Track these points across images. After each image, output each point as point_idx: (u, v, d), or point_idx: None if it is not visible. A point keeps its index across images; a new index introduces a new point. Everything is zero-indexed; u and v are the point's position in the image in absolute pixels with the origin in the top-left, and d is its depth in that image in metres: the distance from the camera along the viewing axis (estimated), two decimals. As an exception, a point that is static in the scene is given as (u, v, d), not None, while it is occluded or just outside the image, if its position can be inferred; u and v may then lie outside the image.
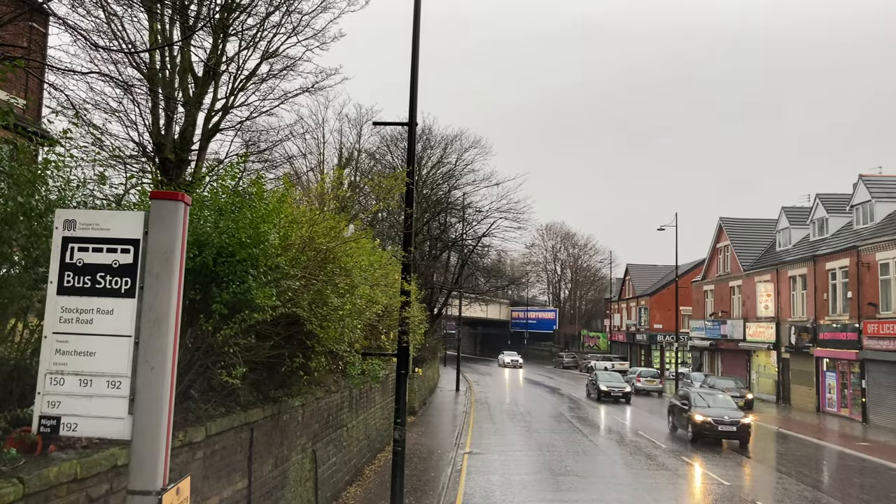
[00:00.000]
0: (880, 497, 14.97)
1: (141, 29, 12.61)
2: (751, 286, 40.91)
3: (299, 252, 7.83)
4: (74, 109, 11.10)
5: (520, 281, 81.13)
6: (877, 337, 28.27)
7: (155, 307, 3.40)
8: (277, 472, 8.45)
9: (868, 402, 29.16)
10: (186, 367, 6.27)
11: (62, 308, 3.48)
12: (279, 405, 8.31)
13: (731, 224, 45.58)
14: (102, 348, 3.44)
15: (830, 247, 33.33)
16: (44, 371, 3.46)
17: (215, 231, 6.36)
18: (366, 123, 31.72)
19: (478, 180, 39.03)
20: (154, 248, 3.43)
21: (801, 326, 34.70)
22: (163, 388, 3.37)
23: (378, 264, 11.64)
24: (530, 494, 14.32)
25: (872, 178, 33.01)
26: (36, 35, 12.64)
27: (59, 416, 3.43)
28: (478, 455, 18.60)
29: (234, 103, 13.77)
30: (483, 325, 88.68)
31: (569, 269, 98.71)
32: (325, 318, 7.71)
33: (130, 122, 12.45)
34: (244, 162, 9.64)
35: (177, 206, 3.46)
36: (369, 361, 11.56)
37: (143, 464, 3.33)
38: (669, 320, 53.49)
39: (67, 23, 9.64)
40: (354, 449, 13.82)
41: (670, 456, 19.50)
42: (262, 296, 6.32)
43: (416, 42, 11.36)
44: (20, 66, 6.34)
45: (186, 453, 5.90)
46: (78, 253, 3.50)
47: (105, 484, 4.67)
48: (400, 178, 12.14)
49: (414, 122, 11.58)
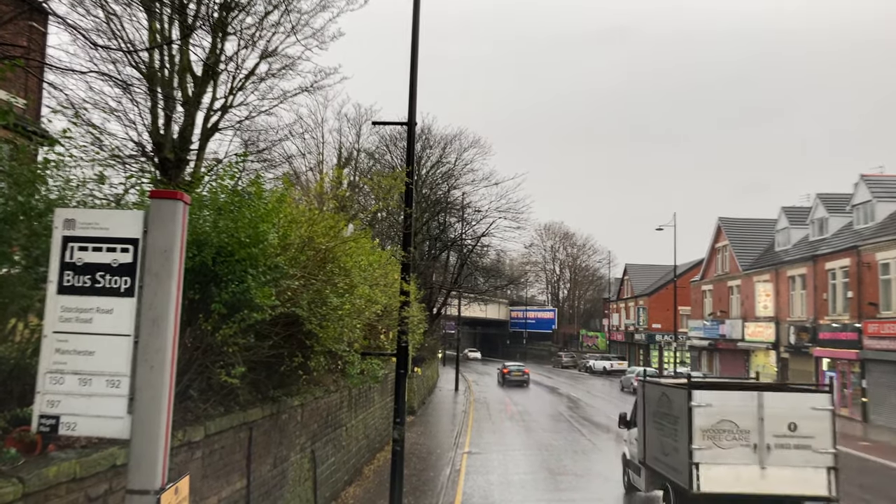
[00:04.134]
0: (881, 497, 14.97)
1: (140, 28, 12.59)
2: (750, 286, 40.93)
3: (298, 252, 7.84)
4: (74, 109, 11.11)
5: (519, 281, 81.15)
6: (877, 337, 28.29)
7: (154, 306, 3.40)
8: (276, 471, 8.45)
9: (868, 402, 29.18)
10: (185, 367, 6.26)
11: (62, 307, 3.48)
12: (278, 405, 8.31)
13: (730, 224, 45.60)
14: (102, 347, 3.45)
15: (830, 247, 33.34)
16: (43, 370, 3.46)
17: (214, 230, 6.35)
18: (365, 123, 31.70)
19: (477, 180, 39.07)
20: (153, 247, 3.44)
21: (800, 326, 34.72)
22: (162, 387, 3.37)
23: (377, 264, 11.65)
24: (529, 494, 14.33)
25: (873, 177, 33.04)
26: (35, 34, 12.64)
27: (58, 416, 3.43)
28: (477, 455, 18.61)
29: (233, 103, 13.76)
30: (482, 324, 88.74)
31: (567, 269, 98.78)
32: (325, 318, 7.71)
33: (129, 121, 12.44)
34: (243, 161, 9.64)
35: (176, 206, 3.47)
36: (368, 361, 11.56)
37: (142, 463, 3.33)
38: (668, 320, 53.55)
39: (67, 22, 9.64)
40: (353, 449, 13.82)
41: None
42: (262, 295, 6.32)
43: (415, 41, 11.35)
44: (20, 65, 6.34)
45: (185, 453, 5.90)
46: (78, 252, 3.51)
47: (104, 483, 4.68)
48: (399, 177, 12.15)
49: (413, 121, 11.58)
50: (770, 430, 10.53)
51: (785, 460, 10.48)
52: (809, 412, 10.60)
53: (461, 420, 26.01)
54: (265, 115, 15.09)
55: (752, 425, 10.56)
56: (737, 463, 10.45)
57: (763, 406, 10.59)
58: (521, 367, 48.97)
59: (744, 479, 10.38)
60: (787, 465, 10.46)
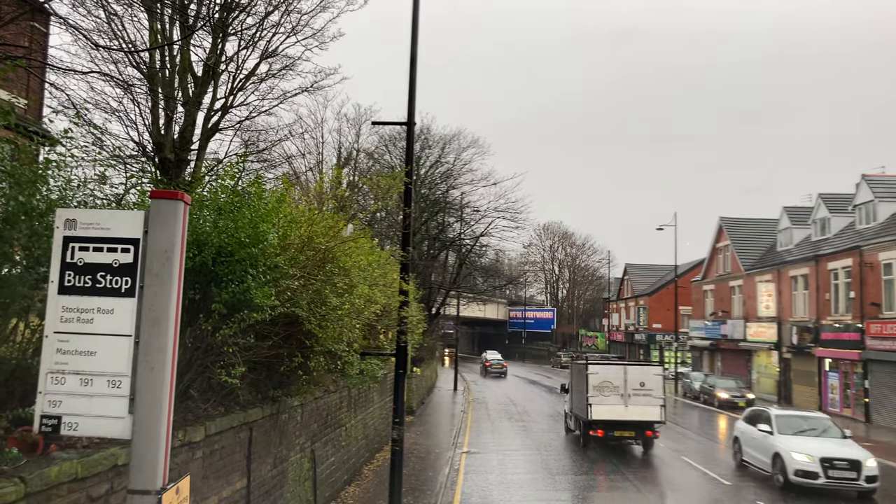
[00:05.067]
0: (884, 498, 14.96)
1: (141, 29, 12.63)
2: (751, 286, 40.92)
3: (298, 252, 7.85)
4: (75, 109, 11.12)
5: (517, 280, 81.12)
6: (880, 337, 28.28)
7: (155, 306, 3.41)
8: (276, 471, 8.46)
9: (871, 403, 29.16)
10: (186, 367, 6.27)
11: (63, 307, 3.49)
12: (278, 405, 8.32)
13: (732, 224, 45.56)
14: (103, 348, 3.46)
15: (833, 247, 33.33)
16: (45, 370, 3.47)
17: (214, 230, 6.36)
18: (364, 123, 31.69)
19: (476, 180, 39.07)
20: (154, 247, 3.45)
21: (802, 326, 34.71)
22: (162, 387, 3.38)
23: (376, 264, 11.65)
24: (528, 494, 14.34)
25: (875, 177, 33.03)
26: (37, 35, 12.66)
27: (59, 416, 3.44)
28: (475, 454, 18.62)
29: (234, 103, 13.78)
30: (481, 324, 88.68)
31: (567, 269, 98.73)
32: (324, 318, 7.72)
33: (130, 121, 12.46)
34: (243, 162, 9.64)
35: (176, 206, 3.47)
36: (368, 361, 11.57)
37: (143, 463, 3.34)
38: (668, 320, 53.50)
39: (69, 22, 9.66)
40: (353, 448, 13.83)
41: (670, 456, 19.50)
42: (261, 295, 6.32)
43: (414, 40, 11.36)
44: (22, 65, 6.36)
45: (186, 453, 5.91)
46: (79, 252, 3.52)
47: (105, 483, 4.69)
48: (398, 177, 12.17)
49: (412, 121, 11.59)
50: (630, 386, 19.09)
51: (637, 402, 18.91)
52: (651, 376, 19.33)
53: (460, 420, 26.02)
54: (265, 115, 15.12)
55: (620, 383, 19.09)
56: (612, 404, 18.89)
57: (626, 373, 19.30)
58: (501, 361, 58.29)
59: (615, 412, 18.85)
60: (638, 405, 18.87)
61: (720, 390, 34.81)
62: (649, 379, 19.16)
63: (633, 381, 19.05)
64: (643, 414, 18.79)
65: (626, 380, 19.05)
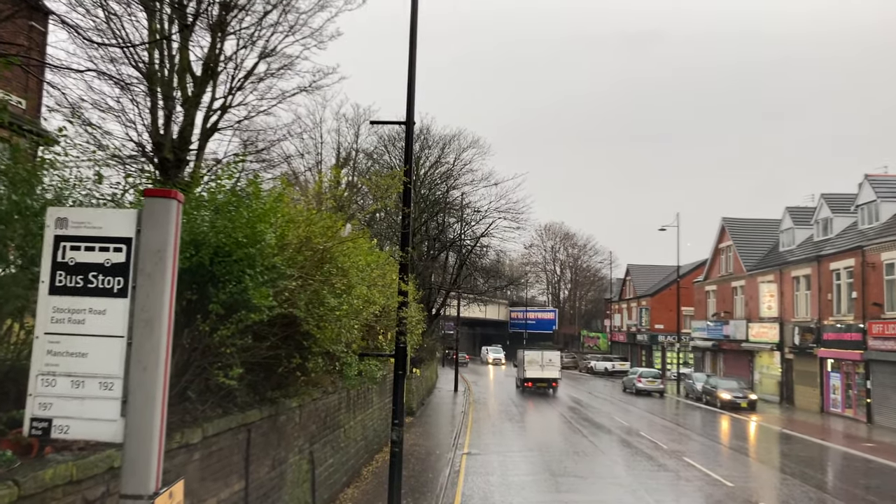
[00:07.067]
0: (886, 498, 14.90)
1: (140, 28, 12.57)
2: (754, 286, 40.84)
3: (296, 252, 7.79)
4: (73, 108, 11.08)
5: (519, 281, 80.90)
6: (882, 337, 28.21)
7: (147, 307, 3.34)
8: (275, 473, 8.41)
9: (873, 403, 29.09)
10: (183, 368, 6.21)
11: (54, 308, 3.42)
12: (276, 406, 8.27)
13: (734, 224, 45.49)
14: (94, 349, 3.38)
15: (835, 247, 33.25)
16: (35, 372, 3.41)
17: (212, 230, 6.30)
18: (363, 123, 31.59)
19: (476, 180, 39.03)
20: (146, 246, 3.38)
21: (804, 327, 34.63)
22: (155, 389, 3.31)
23: (375, 264, 11.60)
24: (529, 496, 14.28)
25: (878, 177, 32.97)
26: (35, 34, 12.61)
27: (50, 418, 3.37)
28: (476, 456, 18.55)
29: (233, 102, 13.71)
30: (482, 325, 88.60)
31: (568, 270, 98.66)
32: (322, 319, 7.66)
33: (129, 121, 12.40)
34: (242, 161, 9.58)
35: (169, 204, 3.40)
36: (366, 362, 11.50)
37: (136, 467, 3.27)
38: (671, 321, 53.43)
39: (66, 21, 9.61)
40: (352, 450, 13.77)
41: (671, 457, 19.44)
42: (259, 296, 6.27)
43: (413, 40, 11.31)
44: (16, 62, 6.30)
45: (183, 455, 5.86)
46: (70, 252, 3.44)
47: (101, 486, 4.64)
48: (397, 177, 12.12)
49: (411, 120, 11.54)
50: (544, 361, 41.20)
51: (547, 370, 40.94)
52: (555, 356, 42.03)
53: (460, 421, 25.94)
54: (264, 115, 15.04)
55: (539, 360, 41.29)
56: (535, 370, 41.01)
57: (543, 354, 41.76)
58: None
59: (536, 374, 40.96)
60: (547, 371, 40.90)
61: (722, 391, 34.72)
62: (554, 357, 41.49)
63: (545, 359, 40.93)
64: (551, 375, 40.70)
65: (541, 357, 41.00)
